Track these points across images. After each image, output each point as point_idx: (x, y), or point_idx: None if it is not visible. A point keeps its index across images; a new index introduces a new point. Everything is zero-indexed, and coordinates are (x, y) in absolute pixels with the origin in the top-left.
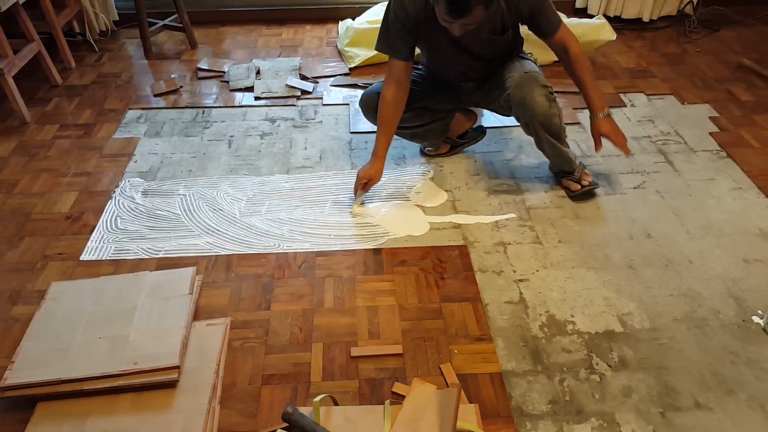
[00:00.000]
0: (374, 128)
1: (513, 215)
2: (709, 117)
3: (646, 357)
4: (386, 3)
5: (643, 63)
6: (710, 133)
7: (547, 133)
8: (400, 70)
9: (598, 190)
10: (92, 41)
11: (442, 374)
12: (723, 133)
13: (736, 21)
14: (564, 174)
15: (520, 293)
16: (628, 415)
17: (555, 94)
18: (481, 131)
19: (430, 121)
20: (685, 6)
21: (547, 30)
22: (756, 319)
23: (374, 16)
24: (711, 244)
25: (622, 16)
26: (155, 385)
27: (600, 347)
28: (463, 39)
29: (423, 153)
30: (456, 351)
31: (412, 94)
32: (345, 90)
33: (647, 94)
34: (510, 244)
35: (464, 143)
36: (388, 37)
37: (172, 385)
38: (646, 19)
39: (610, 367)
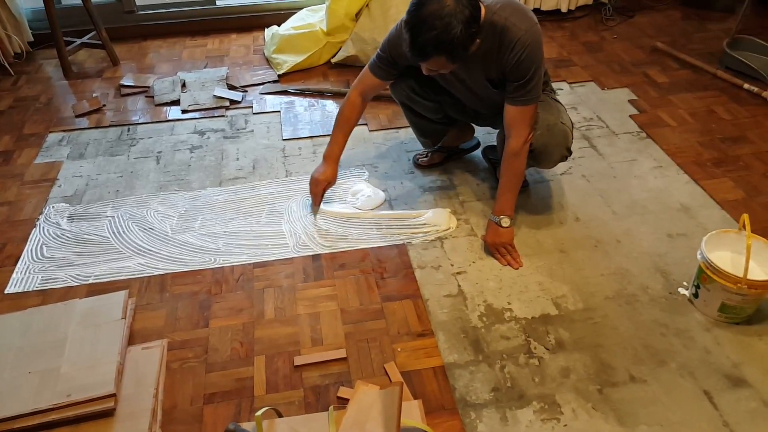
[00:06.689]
0: (305, 134)
1: (448, 210)
2: (629, 100)
3: (581, 337)
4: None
5: (564, 52)
6: (630, 116)
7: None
8: (374, 84)
9: (527, 178)
10: (7, 65)
11: (387, 374)
12: (642, 115)
13: (649, 6)
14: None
15: (459, 286)
16: (567, 395)
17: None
18: (477, 142)
19: (438, 121)
20: None
21: (514, 95)
22: (682, 290)
23: (299, 21)
24: (636, 222)
25: (542, 8)
26: (91, 415)
27: (537, 331)
28: (463, 81)
29: (417, 164)
30: (399, 349)
31: (439, 88)
32: (275, 97)
33: (569, 83)
34: (446, 238)
35: (460, 152)
36: (379, 57)
37: (109, 414)
38: (564, 9)
39: (547, 350)
